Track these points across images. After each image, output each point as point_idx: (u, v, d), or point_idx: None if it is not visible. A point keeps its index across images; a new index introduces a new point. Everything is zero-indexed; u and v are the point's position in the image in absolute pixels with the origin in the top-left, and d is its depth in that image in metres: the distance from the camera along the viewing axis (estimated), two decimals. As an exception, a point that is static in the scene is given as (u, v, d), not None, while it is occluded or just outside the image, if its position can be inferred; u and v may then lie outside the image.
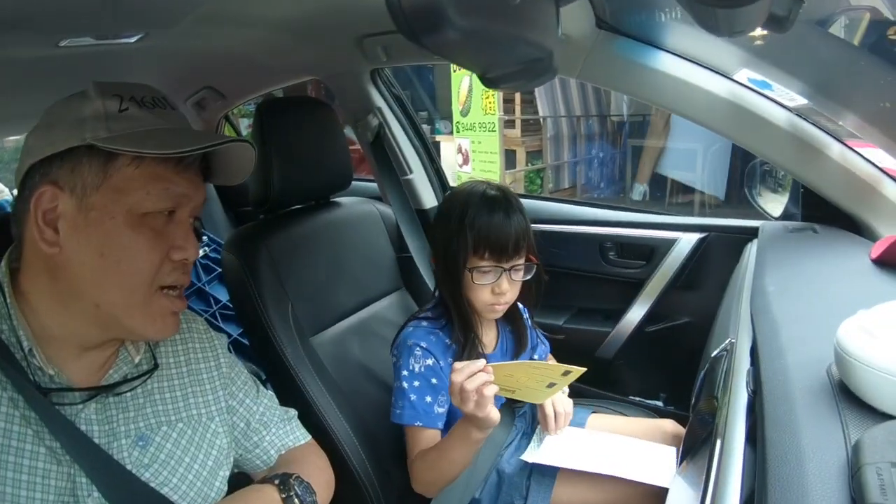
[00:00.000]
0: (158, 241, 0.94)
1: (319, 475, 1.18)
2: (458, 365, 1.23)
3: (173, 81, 2.68)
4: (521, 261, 1.46)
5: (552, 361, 1.64)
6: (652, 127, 7.04)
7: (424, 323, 1.53)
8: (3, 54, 1.64)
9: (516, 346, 1.63)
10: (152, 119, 0.95)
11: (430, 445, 1.43)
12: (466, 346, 1.48)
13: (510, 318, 1.63)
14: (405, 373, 1.46)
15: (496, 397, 1.25)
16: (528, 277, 1.49)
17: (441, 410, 1.45)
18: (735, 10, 0.68)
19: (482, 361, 1.23)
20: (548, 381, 1.30)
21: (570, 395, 1.64)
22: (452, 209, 1.46)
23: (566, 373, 1.28)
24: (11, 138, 6.13)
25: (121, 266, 0.91)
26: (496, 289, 1.44)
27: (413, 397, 1.43)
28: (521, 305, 1.66)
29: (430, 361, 1.45)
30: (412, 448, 1.46)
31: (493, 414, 1.24)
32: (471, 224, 1.41)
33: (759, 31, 1.49)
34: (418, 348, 1.47)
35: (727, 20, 0.76)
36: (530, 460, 1.47)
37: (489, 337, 1.60)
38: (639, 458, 1.46)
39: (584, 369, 1.27)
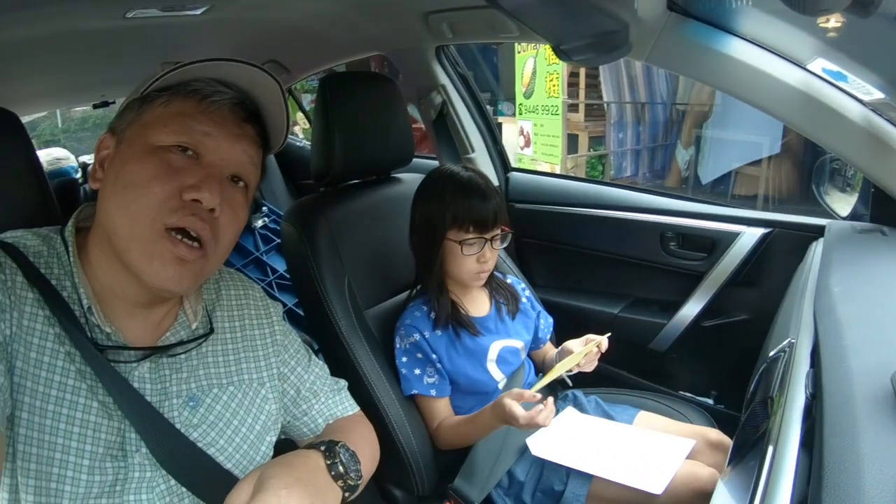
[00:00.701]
0: (169, 174, 0.92)
1: (365, 445, 1.19)
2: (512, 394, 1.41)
3: (237, 54, 2.69)
4: (498, 231, 1.61)
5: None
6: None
7: (412, 304, 1.69)
8: (72, 24, 1.69)
9: (508, 306, 1.75)
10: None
11: (443, 412, 1.62)
12: (442, 314, 1.62)
13: (494, 284, 1.77)
14: (396, 351, 1.63)
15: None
16: (505, 245, 1.69)
17: (431, 380, 1.60)
18: (823, -14, 0.65)
19: (543, 401, 1.39)
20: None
21: (619, 387, 1.68)
22: (433, 191, 1.62)
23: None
24: (78, 109, 6.33)
25: (127, 192, 0.91)
26: (481, 258, 1.59)
27: (404, 371, 1.60)
28: (514, 278, 1.89)
29: (413, 338, 1.60)
30: (428, 416, 1.62)
31: None
32: (453, 204, 1.56)
33: (835, 22, 1.44)
34: (403, 328, 1.63)
35: (814, -4, 0.73)
36: (534, 451, 1.54)
37: (480, 302, 1.73)
38: (644, 459, 1.49)
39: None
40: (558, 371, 1.47)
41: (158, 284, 0.93)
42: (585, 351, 1.50)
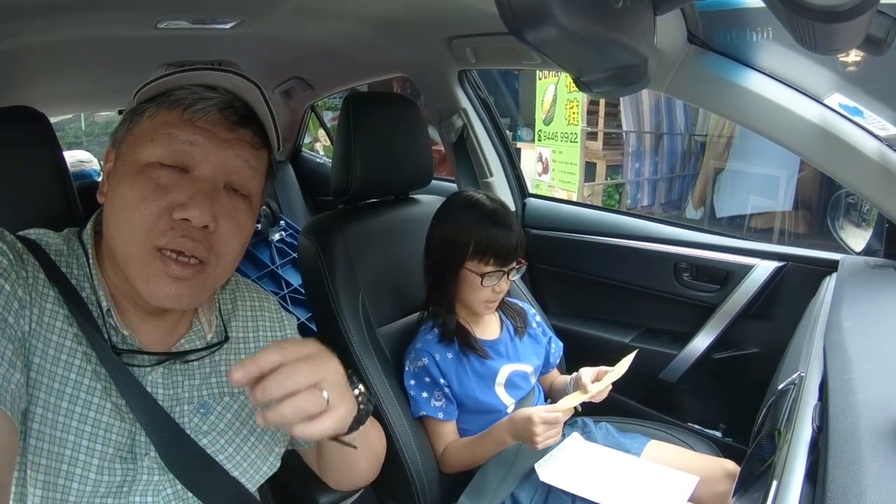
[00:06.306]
0: (157, 194, 0.91)
1: (374, 433, 1.20)
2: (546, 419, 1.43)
3: (263, 69, 2.75)
4: (516, 264, 1.61)
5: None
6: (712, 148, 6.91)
7: (423, 326, 1.69)
8: (105, 31, 1.71)
9: (517, 326, 1.77)
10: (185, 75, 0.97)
11: (449, 436, 1.63)
12: (448, 332, 1.63)
13: (505, 306, 1.78)
14: (405, 374, 1.63)
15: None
16: (520, 276, 1.70)
17: (438, 404, 1.60)
18: (833, 27, 0.66)
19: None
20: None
21: (627, 416, 1.68)
22: (457, 216, 1.62)
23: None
24: (102, 113, 6.44)
25: (120, 213, 0.91)
26: (496, 288, 1.59)
27: (412, 393, 1.61)
28: (525, 304, 1.88)
29: (422, 362, 1.60)
30: (435, 440, 1.62)
31: None
32: (477, 234, 1.56)
33: (854, 56, 1.44)
34: (414, 351, 1.63)
35: (824, 37, 0.73)
36: (542, 477, 1.52)
37: (491, 326, 1.74)
38: (651, 492, 1.48)
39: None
40: (575, 401, 1.48)
41: (157, 303, 0.93)
42: (600, 387, 1.50)
